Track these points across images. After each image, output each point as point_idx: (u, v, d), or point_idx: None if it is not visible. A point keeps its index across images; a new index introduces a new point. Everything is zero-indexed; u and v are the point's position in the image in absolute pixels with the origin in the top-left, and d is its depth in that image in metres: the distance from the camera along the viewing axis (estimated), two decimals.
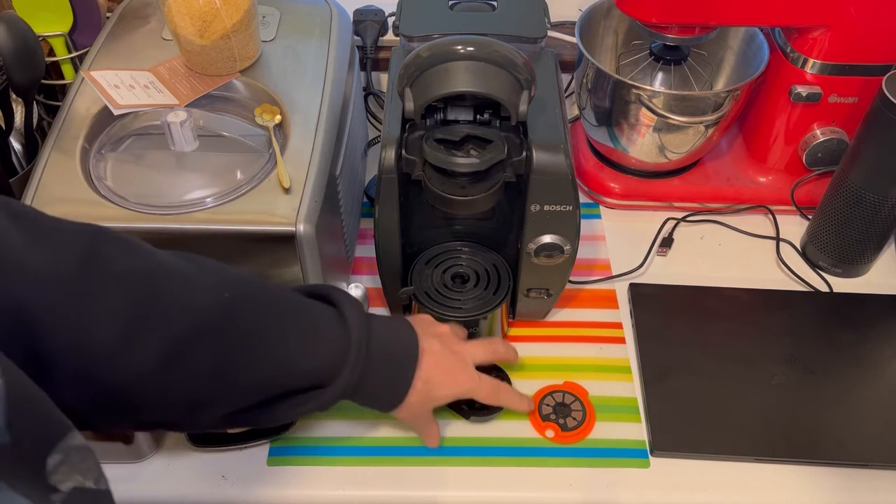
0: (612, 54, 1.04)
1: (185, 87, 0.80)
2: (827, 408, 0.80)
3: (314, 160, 0.74)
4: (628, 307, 0.90)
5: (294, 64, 0.84)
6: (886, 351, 0.85)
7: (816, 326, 0.87)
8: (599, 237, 0.98)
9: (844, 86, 0.89)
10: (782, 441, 0.77)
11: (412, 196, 0.77)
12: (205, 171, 0.75)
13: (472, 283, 0.83)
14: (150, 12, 0.90)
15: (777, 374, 0.82)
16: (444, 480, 0.75)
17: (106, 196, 0.71)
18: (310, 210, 0.71)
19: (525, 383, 0.83)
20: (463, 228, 0.85)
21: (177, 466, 0.76)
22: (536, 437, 0.78)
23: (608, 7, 0.99)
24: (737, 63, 0.99)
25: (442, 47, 0.67)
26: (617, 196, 1.01)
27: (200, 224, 0.70)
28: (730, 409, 0.80)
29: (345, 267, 0.89)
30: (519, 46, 0.70)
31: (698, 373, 0.82)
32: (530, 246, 0.77)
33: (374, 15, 1.13)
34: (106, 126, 0.78)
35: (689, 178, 1.02)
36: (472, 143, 0.71)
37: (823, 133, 0.93)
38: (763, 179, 1.01)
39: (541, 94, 0.76)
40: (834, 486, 0.75)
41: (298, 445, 0.78)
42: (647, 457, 0.77)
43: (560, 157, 0.72)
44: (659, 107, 0.89)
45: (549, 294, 0.83)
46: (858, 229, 0.88)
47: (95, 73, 0.80)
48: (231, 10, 0.77)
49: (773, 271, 0.95)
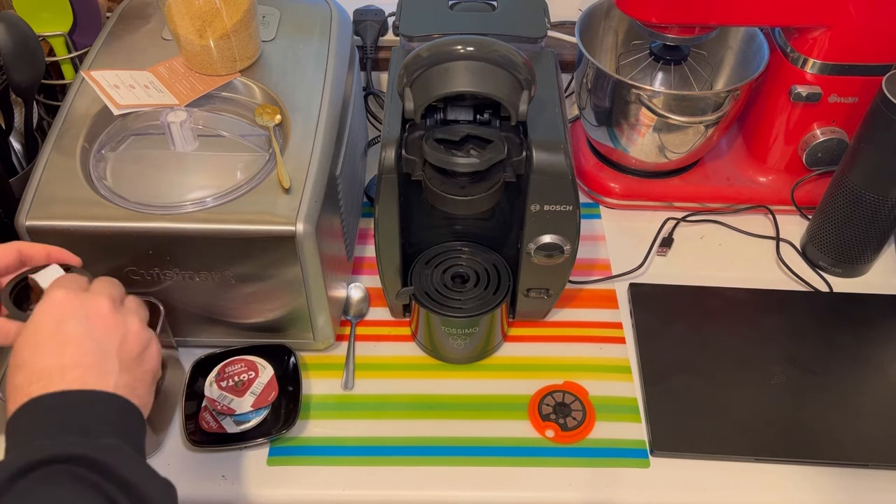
0: (612, 54, 1.04)
1: (185, 87, 0.80)
2: (827, 408, 0.80)
3: (314, 160, 0.74)
4: (628, 307, 0.90)
5: (294, 64, 0.84)
6: (886, 351, 0.85)
7: (816, 326, 0.87)
8: (599, 237, 0.98)
9: (844, 86, 0.89)
10: (782, 441, 0.77)
11: (412, 196, 0.77)
12: (205, 171, 0.75)
13: (472, 283, 0.83)
14: (150, 12, 0.90)
15: (777, 374, 0.82)
16: (444, 480, 0.75)
17: (106, 196, 0.71)
18: (310, 210, 0.71)
19: (525, 383, 0.83)
20: (463, 228, 0.85)
21: (177, 466, 0.76)
22: (536, 437, 0.78)
23: (608, 7, 0.99)
24: (737, 63, 0.99)
25: (442, 47, 0.67)
26: (617, 196, 1.01)
27: (200, 224, 0.70)
28: (730, 409, 0.80)
29: (345, 267, 0.89)
30: (519, 46, 0.70)
31: (698, 373, 0.82)
32: (530, 246, 0.77)
33: (374, 15, 1.13)
34: (106, 126, 0.78)
35: (689, 178, 1.02)
36: (472, 143, 0.71)
37: (823, 133, 0.93)
38: (763, 179, 1.01)
39: (541, 94, 0.76)
40: (834, 486, 0.75)
41: (298, 445, 0.78)
42: (647, 457, 0.77)
43: (560, 157, 0.72)
44: (659, 107, 0.89)
45: (549, 294, 0.83)
46: (858, 229, 0.88)
47: (95, 73, 0.80)
48: (231, 10, 0.78)
49: (773, 271, 0.95)
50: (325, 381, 0.83)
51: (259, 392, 0.77)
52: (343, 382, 0.83)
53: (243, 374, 0.78)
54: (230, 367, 0.79)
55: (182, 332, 0.81)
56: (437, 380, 0.83)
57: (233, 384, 0.77)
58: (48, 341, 0.53)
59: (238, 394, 0.77)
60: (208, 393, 0.77)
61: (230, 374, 0.78)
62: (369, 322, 0.89)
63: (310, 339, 0.82)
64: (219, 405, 0.76)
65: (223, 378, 0.78)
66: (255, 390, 0.77)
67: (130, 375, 0.55)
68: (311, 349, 0.85)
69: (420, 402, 0.81)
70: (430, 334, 0.83)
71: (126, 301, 0.59)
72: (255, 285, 0.75)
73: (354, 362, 0.84)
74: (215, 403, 0.76)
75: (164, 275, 0.74)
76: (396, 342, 0.87)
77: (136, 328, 0.57)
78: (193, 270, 0.74)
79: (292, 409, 0.77)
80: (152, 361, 0.58)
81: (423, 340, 0.85)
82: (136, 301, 0.61)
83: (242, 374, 0.78)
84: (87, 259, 0.63)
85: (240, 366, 0.79)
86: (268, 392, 0.77)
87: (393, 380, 0.83)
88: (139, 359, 0.57)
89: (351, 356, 0.85)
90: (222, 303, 0.78)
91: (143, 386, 0.56)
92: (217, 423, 0.77)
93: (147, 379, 0.57)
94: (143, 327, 0.58)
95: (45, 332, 0.53)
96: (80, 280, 0.59)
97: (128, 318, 0.57)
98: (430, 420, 0.80)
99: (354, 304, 0.90)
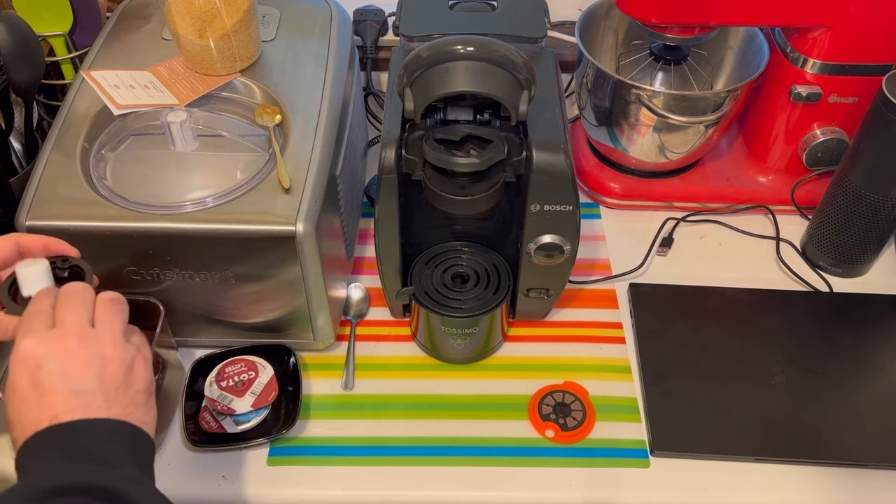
0: (612, 54, 1.04)
1: (185, 87, 0.80)
2: (827, 408, 0.80)
3: (314, 160, 0.74)
4: (628, 307, 0.90)
5: (294, 64, 0.84)
6: (886, 351, 0.85)
7: (816, 326, 0.87)
8: (599, 237, 0.98)
9: (844, 86, 0.89)
10: (782, 441, 0.77)
11: (412, 196, 0.77)
12: (205, 171, 0.75)
13: (472, 283, 0.83)
14: (150, 12, 0.90)
15: (777, 374, 0.82)
16: (444, 480, 0.75)
17: (106, 196, 0.71)
18: (310, 210, 0.71)
19: (525, 383, 0.83)
20: (463, 228, 0.85)
21: (177, 466, 0.76)
22: (536, 437, 0.78)
23: (608, 7, 0.99)
24: (737, 63, 0.99)
25: (442, 47, 0.67)
26: (617, 196, 1.01)
27: (200, 224, 0.70)
28: (730, 409, 0.80)
29: (345, 267, 0.89)
30: (519, 46, 0.70)
31: (698, 373, 0.82)
32: (530, 246, 0.77)
33: (374, 15, 1.13)
34: (106, 126, 0.78)
35: (689, 178, 1.02)
36: (472, 143, 0.71)
37: (823, 133, 0.93)
38: (763, 179, 1.01)
39: (541, 94, 0.76)
40: (834, 486, 0.75)
41: (298, 445, 0.78)
42: (647, 457, 0.77)
43: (560, 157, 0.72)
44: (659, 107, 0.89)
45: (549, 294, 0.83)
46: (858, 229, 0.88)
47: (95, 73, 0.80)
48: (231, 10, 0.77)
49: (773, 271, 0.95)
50: (325, 381, 0.83)
51: (259, 392, 0.77)
52: (343, 382, 0.83)
53: (243, 374, 0.78)
54: (230, 367, 0.79)
55: (182, 332, 0.81)
56: (437, 380, 0.83)
57: (233, 384, 0.77)
58: (28, 396, 0.52)
59: (238, 394, 0.77)
60: (208, 393, 0.77)
61: (230, 374, 0.78)
62: (369, 322, 0.89)
63: (310, 339, 0.82)
64: (219, 405, 0.76)
65: (223, 378, 0.78)
66: (255, 390, 0.77)
67: (120, 404, 0.53)
68: (311, 349, 0.85)
69: (420, 402, 0.81)
70: (430, 334, 0.83)
71: (96, 319, 0.55)
72: (255, 285, 0.75)
73: (354, 362, 0.84)
74: (215, 403, 0.76)
75: (164, 275, 0.74)
76: (396, 342, 0.87)
77: (111, 353, 0.54)
78: (193, 270, 0.74)
79: (292, 409, 0.77)
80: (141, 381, 0.55)
81: (423, 340, 0.85)
82: (108, 311, 0.56)
83: (242, 374, 0.78)
84: (87, 259, 0.63)
85: (240, 366, 0.79)
86: (268, 392, 0.77)
87: (393, 380, 0.83)
88: (125, 383, 0.54)
89: (351, 356, 0.85)
90: (222, 303, 0.78)
91: (138, 408, 0.54)
92: (217, 423, 0.77)
93: (140, 399, 0.55)
94: (119, 348, 0.55)
95: (23, 389, 0.52)
96: (43, 313, 0.55)
97: (101, 346, 0.54)
98: (430, 420, 0.80)
99: (354, 304, 0.90)
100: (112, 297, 0.58)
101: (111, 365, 0.54)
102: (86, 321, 0.55)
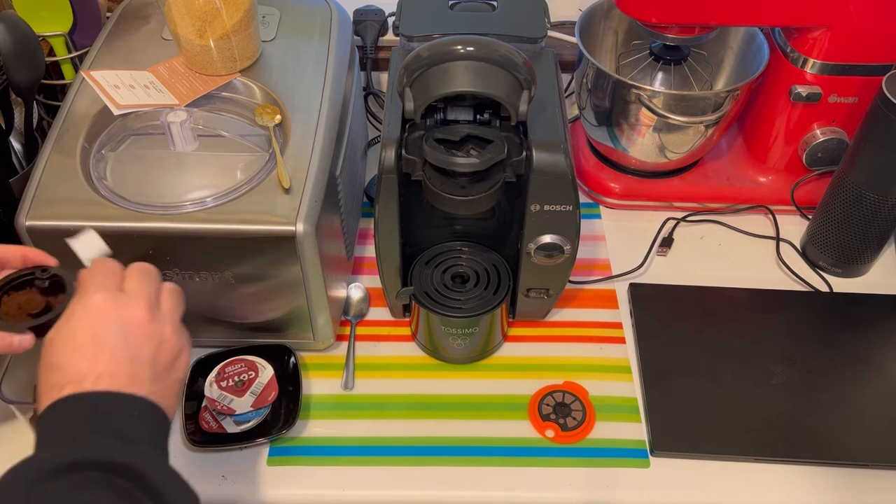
0: (612, 54, 1.04)
1: (185, 87, 0.80)
2: (827, 408, 0.80)
3: (314, 160, 0.74)
4: (628, 307, 0.90)
5: (294, 64, 0.84)
6: (886, 351, 0.85)
7: (816, 326, 0.87)
8: (599, 237, 0.98)
9: (844, 86, 0.89)
10: (782, 441, 0.77)
11: (412, 196, 0.77)
12: (205, 171, 0.75)
13: (472, 283, 0.83)
14: (150, 12, 0.90)
15: (777, 374, 0.82)
16: (444, 480, 0.75)
17: (106, 196, 0.71)
18: (310, 210, 0.71)
19: (525, 383, 0.83)
20: (463, 228, 0.85)
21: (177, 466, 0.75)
22: (536, 437, 0.78)
23: (608, 7, 0.99)
24: (737, 63, 0.99)
25: (442, 47, 0.67)
26: (617, 196, 1.01)
27: (200, 224, 0.70)
28: (730, 409, 0.80)
29: (345, 267, 0.89)
30: (519, 46, 0.70)
31: (698, 373, 0.82)
32: (530, 246, 0.77)
33: (374, 15, 1.13)
34: (106, 126, 0.78)
35: (689, 178, 1.02)
36: (472, 143, 0.71)
37: (823, 133, 0.93)
38: (763, 179, 1.01)
39: (541, 94, 0.76)
40: (834, 486, 0.75)
41: (298, 445, 0.78)
42: (647, 457, 0.77)
43: (560, 157, 0.72)
44: (659, 107, 0.89)
45: (549, 294, 0.83)
46: (858, 229, 0.88)
47: (95, 73, 0.80)
48: (231, 10, 0.78)
49: (773, 271, 0.95)
50: (325, 381, 0.83)
51: (259, 392, 0.77)
52: (343, 382, 0.83)
53: (243, 374, 0.78)
54: (230, 367, 0.79)
55: None
56: (437, 380, 0.83)
57: (233, 384, 0.77)
58: (84, 347, 0.53)
59: (238, 394, 0.77)
60: (208, 393, 0.77)
61: (230, 374, 0.78)
62: (369, 322, 0.89)
63: (310, 339, 0.82)
64: (219, 405, 0.76)
65: (223, 378, 0.78)
66: (255, 390, 0.77)
67: (161, 384, 0.55)
68: (311, 349, 0.85)
69: (420, 402, 0.81)
70: (430, 334, 0.83)
71: (162, 301, 0.59)
72: (255, 285, 0.75)
73: (354, 362, 0.84)
74: (215, 403, 0.76)
75: (164, 275, 0.74)
76: (396, 342, 0.87)
77: (170, 336, 0.57)
78: (193, 270, 0.74)
79: (292, 409, 0.77)
80: (181, 371, 0.58)
81: (423, 340, 0.85)
82: (172, 297, 0.60)
83: (242, 374, 0.78)
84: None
85: (240, 366, 0.79)
86: (268, 392, 0.77)
87: (393, 380, 0.83)
88: (171, 368, 0.57)
89: (351, 356, 0.85)
90: (222, 303, 0.78)
91: (172, 395, 0.56)
92: (217, 423, 0.77)
93: (175, 388, 0.57)
94: (177, 334, 0.58)
95: (82, 338, 0.53)
96: (116, 275, 0.58)
97: (164, 326, 0.57)
98: (430, 420, 0.80)
99: (354, 304, 0.90)
100: (176, 287, 0.61)
101: (166, 347, 0.56)
102: (155, 298, 0.58)
